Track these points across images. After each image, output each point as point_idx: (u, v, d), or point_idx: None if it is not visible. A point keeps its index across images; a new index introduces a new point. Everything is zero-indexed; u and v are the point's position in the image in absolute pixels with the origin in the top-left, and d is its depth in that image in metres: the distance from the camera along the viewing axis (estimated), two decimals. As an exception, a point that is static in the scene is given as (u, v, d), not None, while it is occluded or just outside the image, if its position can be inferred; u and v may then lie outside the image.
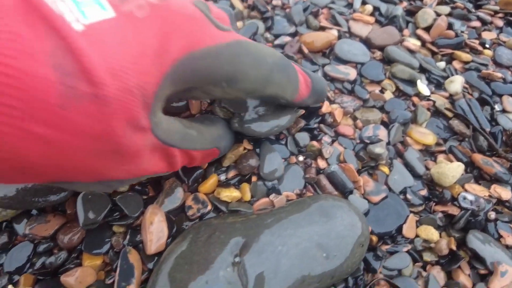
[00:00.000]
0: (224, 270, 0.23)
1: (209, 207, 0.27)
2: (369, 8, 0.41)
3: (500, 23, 0.43)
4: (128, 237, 0.26)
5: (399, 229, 0.28)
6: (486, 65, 0.38)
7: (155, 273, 0.23)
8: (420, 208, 0.29)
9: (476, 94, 0.36)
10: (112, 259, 0.26)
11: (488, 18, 0.43)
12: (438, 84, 0.36)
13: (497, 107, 0.35)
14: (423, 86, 0.35)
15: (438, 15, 0.42)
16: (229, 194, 0.26)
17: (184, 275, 0.23)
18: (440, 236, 0.28)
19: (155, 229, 0.25)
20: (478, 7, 0.45)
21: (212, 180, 0.27)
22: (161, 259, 0.24)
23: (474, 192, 0.29)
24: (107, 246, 0.26)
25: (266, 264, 0.23)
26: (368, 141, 0.31)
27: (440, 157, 0.32)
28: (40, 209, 0.27)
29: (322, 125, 0.31)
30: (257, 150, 0.29)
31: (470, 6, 0.45)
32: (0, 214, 0.27)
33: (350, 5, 0.42)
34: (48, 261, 0.26)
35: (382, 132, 0.32)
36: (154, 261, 0.25)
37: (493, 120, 0.34)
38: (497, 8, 0.44)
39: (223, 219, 0.26)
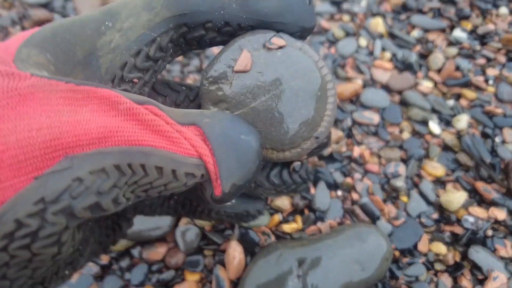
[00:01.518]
0: (292, 281, 0.33)
1: (273, 238, 0.37)
2: (387, 55, 0.50)
3: (502, 59, 0.50)
4: (216, 258, 0.37)
5: (416, 246, 0.37)
6: (489, 102, 0.46)
7: (241, 285, 0.34)
8: (432, 229, 0.38)
9: (480, 128, 0.44)
10: (206, 274, 0.36)
11: (492, 55, 0.50)
12: (447, 122, 0.45)
13: (497, 139, 0.43)
14: (434, 126, 0.44)
15: (447, 57, 0.50)
16: (289, 226, 0.36)
17: (263, 285, 0.33)
18: (448, 250, 0.37)
19: (236, 260, 0.36)
20: (483, 44, 0.52)
21: (276, 219, 0.37)
22: (243, 275, 0.34)
23: (475, 214, 0.38)
24: (202, 265, 0.37)
25: (319, 275, 0.33)
26: (390, 176, 0.40)
27: (449, 186, 0.40)
28: (149, 240, 0.38)
29: (353, 164, 0.41)
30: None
31: (476, 43, 0.52)
32: (123, 243, 0.38)
33: (371, 53, 0.51)
34: (161, 277, 0.37)
35: (402, 168, 0.41)
36: (238, 276, 0.36)
37: (493, 151, 0.42)
38: (500, 45, 0.51)
39: (285, 244, 0.36)
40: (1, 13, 0.55)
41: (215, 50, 0.51)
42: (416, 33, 0.53)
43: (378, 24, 0.53)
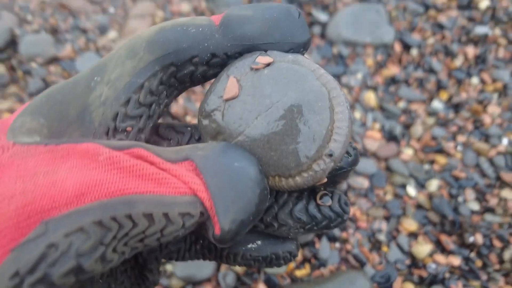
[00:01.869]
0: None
1: (288, 280, 0.52)
2: (377, 126, 0.63)
3: (470, 127, 0.63)
4: (250, 293, 0.52)
5: (391, 285, 0.51)
6: (456, 167, 0.59)
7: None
8: (405, 272, 0.52)
9: (447, 189, 0.58)
10: (243, 304, 0.52)
11: (462, 123, 0.63)
12: (421, 186, 0.58)
13: (460, 199, 0.57)
14: (411, 189, 0.57)
15: (426, 127, 0.63)
16: (300, 272, 0.51)
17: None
18: (415, 289, 0.51)
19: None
20: (456, 112, 0.65)
21: (291, 266, 0.52)
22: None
23: (438, 261, 0.52)
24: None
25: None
26: (375, 231, 0.54)
27: (420, 238, 0.54)
28: (199, 281, 0.54)
29: (348, 222, 0.55)
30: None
31: (450, 111, 0.65)
32: (179, 283, 0.54)
33: (364, 124, 0.64)
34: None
35: (384, 225, 0.55)
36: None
37: (456, 209, 0.56)
38: (469, 114, 0.64)
39: (298, 285, 0.51)
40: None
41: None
42: (401, 104, 0.66)
43: (370, 98, 0.66)
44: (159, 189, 0.15)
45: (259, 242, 0.23)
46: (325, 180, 0.19)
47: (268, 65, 0.18)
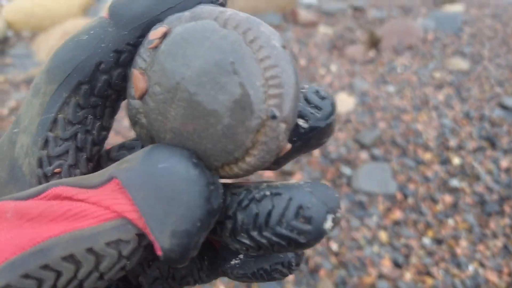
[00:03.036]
0: None
1: None
2: (387, 256, 1.01)
3: (448, 256, 0.99)
4: None
5: None
6: (439, 287, 0.95)
7: None
8: None
9: (434, 301, 0.93)
10: None
11: (442, 254, 1.00)
12: (417, 299, 0.94)
13: (442, 308, 0.92)
14: (410, 302, 0.93)
15: (418, 257, 1.00)
16: None
17: None
18: None
19: None
20: (438, 244, 1.02)
21: None
22: None
23: None
24: None
25: None
26: (389, 331, 0.90)
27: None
28: None
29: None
30: None
31: (435, 245, 1.02)
32: None
33: (378, 255, 1.02)
34: None
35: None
36: None
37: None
38: (446, 247, 1.01)
39: None
40: None
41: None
42: (402, 241, 1.04)
43: (383, 236, 1.04)
44: (75, 224, 0.13)
45: (241, 257, 0.18)
46: (289, 147, 0.14)
47: (164, 37, 0.14)
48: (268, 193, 0.14)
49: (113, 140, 1.25)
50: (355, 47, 1.83)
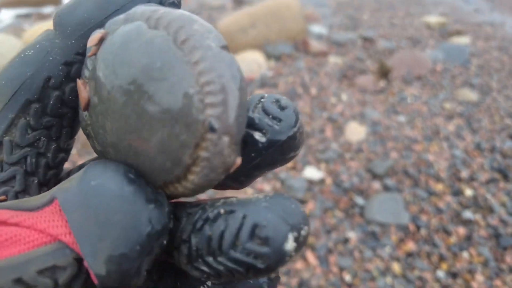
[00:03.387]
0: None
1: None
2: (402, 289, 1.00)
3: (463, 291, 0.98)
4: None
5: None
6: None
7: None
8: None
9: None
10: None
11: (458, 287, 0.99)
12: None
13: None
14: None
15: (433, 291, 0.99)
16: None
17: None
18: None
19: None
20: (453, 278, 1.01)
21: None
22: None
23: None
24: None
25: None
26: None
27: None
28: None
29: None
30: None
31: (449, 278, 1.01)
32: None
33: (392, 287, 1.01)
34: None
35: None
36: None
37: None
38: (461, 281, 1.00)
39: None
40: None
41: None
42: (416, 273, 1.03)
43: (396, 268, 1.04)
44: (3, 252, 0.11)
45: (209, 284, 0.15)
46: (238, 162, 0.12)
47: (101, 43, 0.13)
48: (222, 211, 0.12)
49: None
50: (366, 77, 1.87)
